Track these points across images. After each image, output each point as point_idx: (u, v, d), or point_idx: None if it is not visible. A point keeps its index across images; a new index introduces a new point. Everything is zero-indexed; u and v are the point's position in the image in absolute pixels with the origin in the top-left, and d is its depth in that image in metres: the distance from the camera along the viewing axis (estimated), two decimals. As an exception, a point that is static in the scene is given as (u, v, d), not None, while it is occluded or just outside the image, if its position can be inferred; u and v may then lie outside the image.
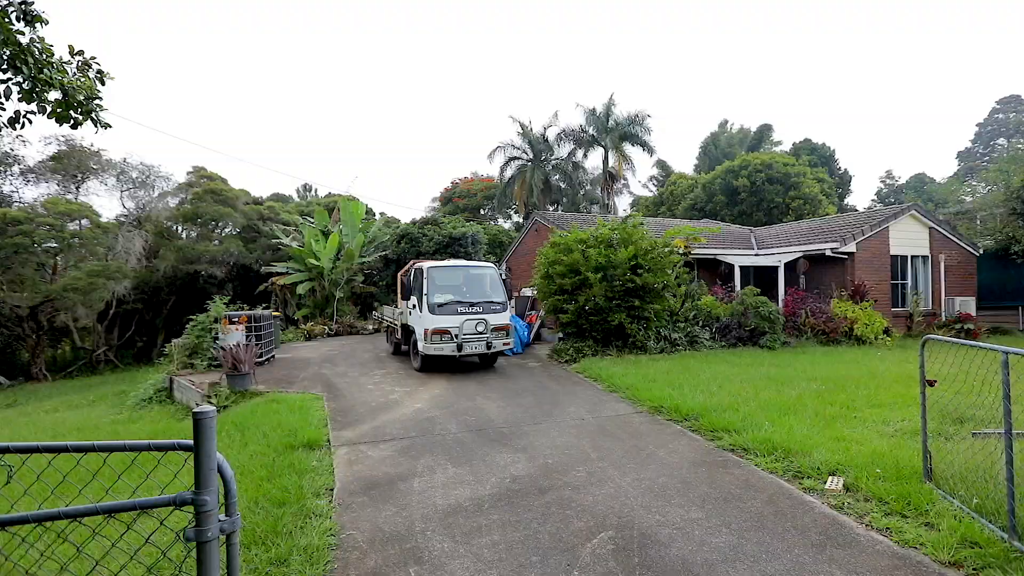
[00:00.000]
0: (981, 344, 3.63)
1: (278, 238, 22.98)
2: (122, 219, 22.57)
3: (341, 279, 20.91)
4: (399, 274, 12.18)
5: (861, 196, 55.67)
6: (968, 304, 15.15)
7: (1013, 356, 3.35)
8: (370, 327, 20.18)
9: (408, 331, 11.31)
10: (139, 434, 7.08)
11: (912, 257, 15.01)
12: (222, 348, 8.98)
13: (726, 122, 43.54)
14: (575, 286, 11.69)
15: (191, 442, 1.57)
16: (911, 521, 3.76)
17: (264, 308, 13.43)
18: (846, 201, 40.27)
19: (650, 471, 4.96)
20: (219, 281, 23.32)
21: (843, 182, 40.27)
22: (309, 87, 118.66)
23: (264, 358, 11.35)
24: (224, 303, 11.55)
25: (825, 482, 4.49)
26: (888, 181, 48.59)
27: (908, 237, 14.84)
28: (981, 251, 16.56)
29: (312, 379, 9.98)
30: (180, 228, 23.59)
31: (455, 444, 5.92)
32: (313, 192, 61.37)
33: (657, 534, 3.74)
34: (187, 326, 11.04)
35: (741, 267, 15.04)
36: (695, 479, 4.73)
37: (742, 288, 14.27)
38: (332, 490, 4.66)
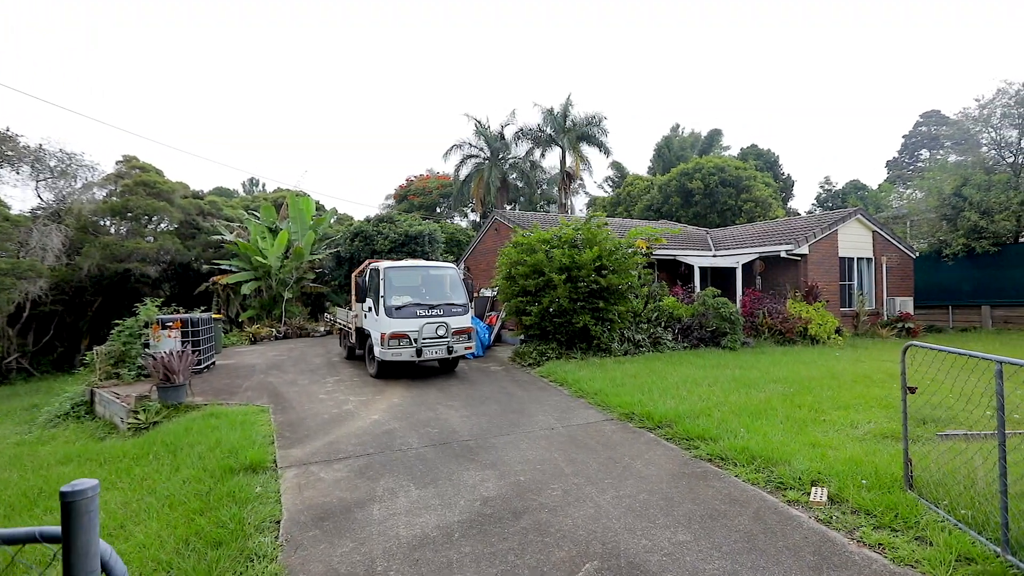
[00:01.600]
0: (973, 353, 3.52)
1: (220, 235, 21.49)
2: (38, 212, 20.43)
3: (290, 278, 19.78)
4: (353, 275, 11.48)
5: (802, 200, 58.58)
6: (907, 304, 15.96)
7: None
8: (321, 329, 19.21)
9: (363, 335, 10.66)
10: (48, 459, 6.17)
11: (858, 259, 15.65)
12: (153, 356, 8.06)
13: (678, 126, 44.62)
14: (539, 287, 11.37)
15: (58, 530, 1.08)
16: (902, 535, 3.62)
17: (203, 310, 12.36)
18: (789, 205, 42.23)
19: (629, 486, 4.66)
20: (153, 281, 21.56)
21: (786, 186, 42.18)
22: (257, 78, 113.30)
23: (203, 366, 10.40)
24: (156, 305, 10.49)
25: (809, 493, 4.33)
26: (826, 187, 51.33)
27: (854, 240, 15.45)
28: (917, 254, 17.51)
29: (257, 388, 9.18)
30: (108, 223, 21.59)
31: (418, 461, 5.44)
32: (260, 187, 58.59)
33: (647, 562, 3.42)
34: (112, 331, 9.92)
35: (700, 268, 15.20)
36: (677, 494, 4.47)
37: (702, 289, 14.41)
38: (279, 523, 4.10)
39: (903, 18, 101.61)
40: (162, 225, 22.98)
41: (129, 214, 21.13)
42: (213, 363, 11.40)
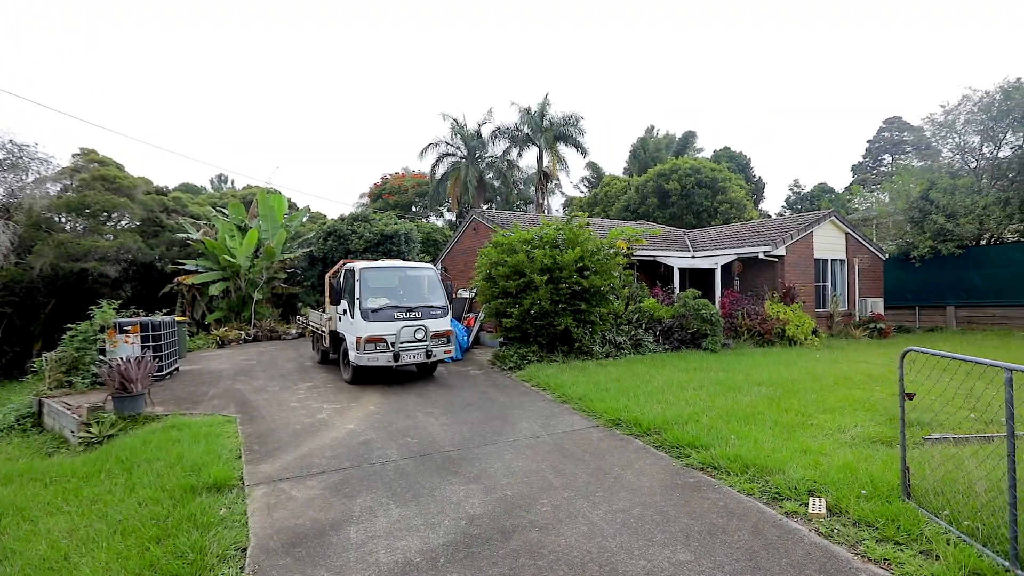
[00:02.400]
0: (981, 360, 3.40)
1: (186, 233, 20.59)
2: (-15, 207, 19.21)
3: (260, 279, 19.05)
4: (328, 276, 11.02)
5: (773, 202, 59.94)
6: (878, 305, 16.30)
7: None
8: (293, 331, 18.58)
9: (338, 339, 10.23)
10: (-13, 479, 5.61)
11: (832, 260, 15.90)
12: (108, 363, 7.50)
13: (652, 127, 45.02)
14: (519, 289, 11.14)
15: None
16: (906, 549, 3.49)
17: (166, 313, 11.70)
18: (761, 206, 43.11)
19: (621, 500, 4.45)
20: (113, 282, 20.48)
21: (758, 189, 43.05)
22: (229, 76, 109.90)
23: (164, 372, 9.80)
24: (114, 308, 9.83)
25: (806, 504, 4.19)
26: (796, 189, 52.71)
27: (828, 242, 15.69)
28: (887, 256, 17.93)
29: (223, 396, 8.67)
30: (63, 220, 20.43)
31: (397, 475, 5.12)
32: (229, 183, 56.84)
33: (647, 587, 3.20)
34: (65, 336, 9.24)
35: (680, 269, 15.20)
36: (672, 508, 4.27)
37: (681, 290, 14.40)
38: (246, 550, 3.73)
39: (869, 25, 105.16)
40: (123, 222, 21.90)
41: (87, 210, 20.04)
42: (176, 369, 10.79)
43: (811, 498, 4.25)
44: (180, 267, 19.78)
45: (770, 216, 42.20)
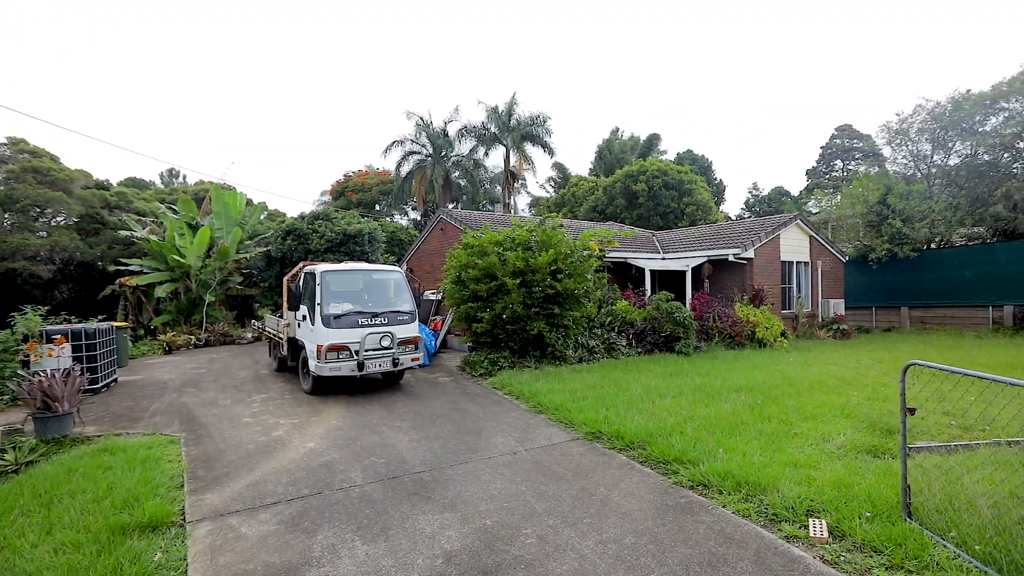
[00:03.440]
0: (992, 376, 3.21)
1: (131, 230, 19.19)
2: None
3: (213, 280, 17.95)
4: (285, 279, 10.30)
5: (733, 205, 61.55)
6: (839, 306, 16.70)
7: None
8: (249, 335, 17.60)
9: (297, 346, 9.55)
10: None
11: (796, 263, 16.17)
12: (29, 379, 6.64)
13: (618, 129, 45.42)
14: (491, 292, 10.72)
15: None
16: (918, 579, 3.27)
17: (102, 319, 10.68)
18: (721, 208, 44.13)
19: (611, 527, 4.10)
20: (46, 283, 18.92)
21: (719, 191, 44.05)
22: (187, 72, 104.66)
23: (100, 384, 8.89)
24: (40, 315, 8.84)
25: (806, 526, 3.95)
26: (754, 192, 54.45)
27: (794, 244, 15.95)
28: (847, 258, 18.43)
29: (167, 412, 7.88)
30: (-11, 215, 18.71)
31: (363, 504, 4.62)
32: (181, 178, 54.04)
33: (652, 638, 2.84)
34: (-19, 347, 8.23)
35: (651, 271, 15.11)
36: (667, 535, 3.95)
37: (652, 292, 14.30)
38: (182, 608, 3.18)
39: (821, 26, 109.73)
40: (58, 219, 20.28)
41: (16, 205, 18.39)
42: (115, 380, 9.85)
43: (811, 520, 4.01)
44: (123, 267, 18.41)
45: (731, 218, 43.26)
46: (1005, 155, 17.82)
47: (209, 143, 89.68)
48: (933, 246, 19.55)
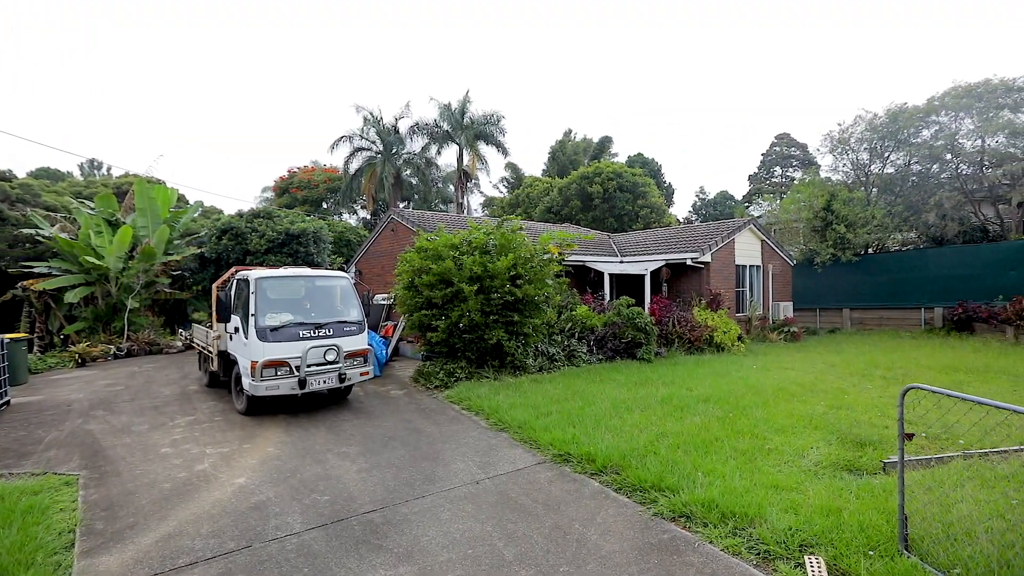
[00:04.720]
0: (1001, 404, 2.93)
1: (37, 227, 17.09)
2: None
3: (137, 283, 16.27)
4: (215, 286, 9.22)
5: (681, 207, 63.39)
6: (788, 308, 17.12)
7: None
8: (179, 344, 16.09)
9: (229, 361, 8.54)
10: None
11: (749, 266, 16.44)
12: None
13: (570, 131, 45.62)
14: (446, 299, 10.07)
15: None
16: (933, 629, 2.96)
17: (-5, 331, 9.23)
18: (671, 211, 45.19)
19: (591, 574, 3.61)
20: (-67, 287, 16.57)
21: (668, 194, 45.09)
22: (114, 60, 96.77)
23: (-13, 410, 7.58)
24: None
25: (802, 564, 3.61)
26: (701, 196, 56.31)
27: (747, 248, 16.20)
28: (795, 262, 18.98)
29: (67, 443, 6.76)
30: None
31: (301, 559, 3.90)
32: (104, 171, 49.83)
33: None
34: None
35: (610, 275, 14.89)
36: (654, 585, 3.50)
37: (611, 296, 14.07)
38: None
39: (772, 39, 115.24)
40: (-51, 214, 17.80)
41: None
42: (6, 404, 8.48)
43: (807, 557, 3.67)
44: (27, 269, 16.38)
45: (681, 221, 44.35)
46: (934, 166, 18.91)
47: (142, 139, 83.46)
48: (871, 251, 20.51)
